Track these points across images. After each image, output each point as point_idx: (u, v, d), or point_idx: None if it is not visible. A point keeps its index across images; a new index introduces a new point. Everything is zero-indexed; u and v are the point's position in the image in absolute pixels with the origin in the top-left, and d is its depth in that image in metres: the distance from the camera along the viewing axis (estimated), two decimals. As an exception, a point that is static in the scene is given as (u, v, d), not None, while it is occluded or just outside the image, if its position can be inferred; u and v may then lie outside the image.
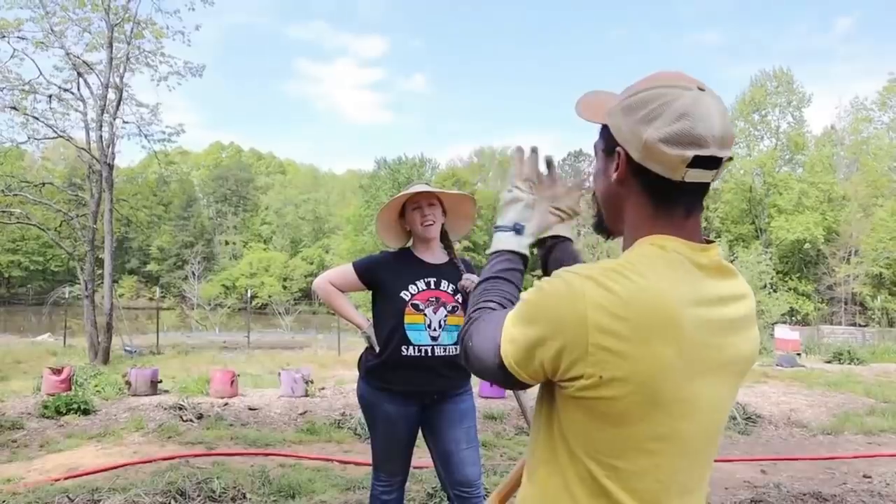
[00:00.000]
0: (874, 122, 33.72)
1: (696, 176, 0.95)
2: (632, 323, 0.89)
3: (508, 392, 5.82)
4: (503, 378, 1.01)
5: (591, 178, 1.16)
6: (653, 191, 1.00)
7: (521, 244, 1.22)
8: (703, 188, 1.00)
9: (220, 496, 4.17)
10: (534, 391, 1.08)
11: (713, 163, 0.95)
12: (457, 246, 3.01)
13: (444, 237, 2.93)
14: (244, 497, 4.23)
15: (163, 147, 15.88)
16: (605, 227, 1.13)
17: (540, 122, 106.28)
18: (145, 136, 15.28)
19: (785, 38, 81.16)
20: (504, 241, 1.21)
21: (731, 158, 0.98)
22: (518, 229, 1.22)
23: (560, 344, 0.92)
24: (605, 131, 1.06)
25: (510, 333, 0.98)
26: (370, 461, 3.02)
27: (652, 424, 0.93)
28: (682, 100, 0.94)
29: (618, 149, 1.01)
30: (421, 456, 2.99)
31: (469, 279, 2.82)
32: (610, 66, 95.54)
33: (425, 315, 2.77)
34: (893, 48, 73.21)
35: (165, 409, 6.84)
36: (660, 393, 0.92)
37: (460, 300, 2.85)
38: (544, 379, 0.98)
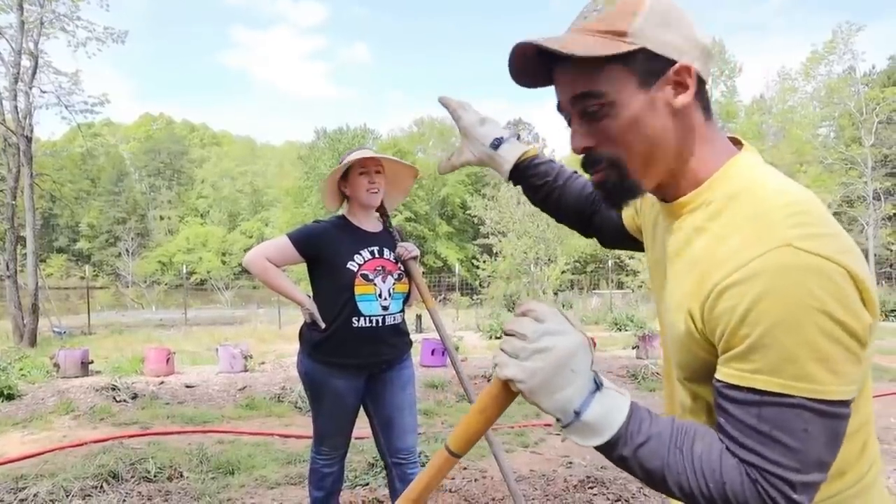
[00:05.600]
0: (799, 91, 34.98)
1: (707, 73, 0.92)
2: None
3: (447, 360, 5.79)
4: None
5: (608, 131, 0.90)
6: (705, 102, 0.91)
7: (619, 397, 0.85)
8: None
9: (155, 476, 4.06)
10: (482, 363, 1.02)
11: None
12: (398, 217, 2.97)
13: (380, 206, 2.88)
14: (181, 476, 4.13)
15: (85, 118, 15.11)
16: (633, 190, 0.93)
17: (482, 90, 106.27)
18: (66, 107, 14.49)
19: (722, 10, 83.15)
20: (606, 415, 0.82)
21: None
22: (598, 382, 0.84)
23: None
24: (628, 59, 0.86)
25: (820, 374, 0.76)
26: (311, 434, 2.97)
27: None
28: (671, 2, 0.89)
29: (682, 64, 0.86)
30: (363, 427, 2.97)
31: (403, 247, 2.80)
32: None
33: (375, 285, 2.72)
34: (823, 20, 76.03)
35: (97, 390, 6.60)
36: None
37: (402, 268, 2.82)
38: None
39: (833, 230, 0.79)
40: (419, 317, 13.41)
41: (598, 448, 0.84)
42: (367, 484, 4.01)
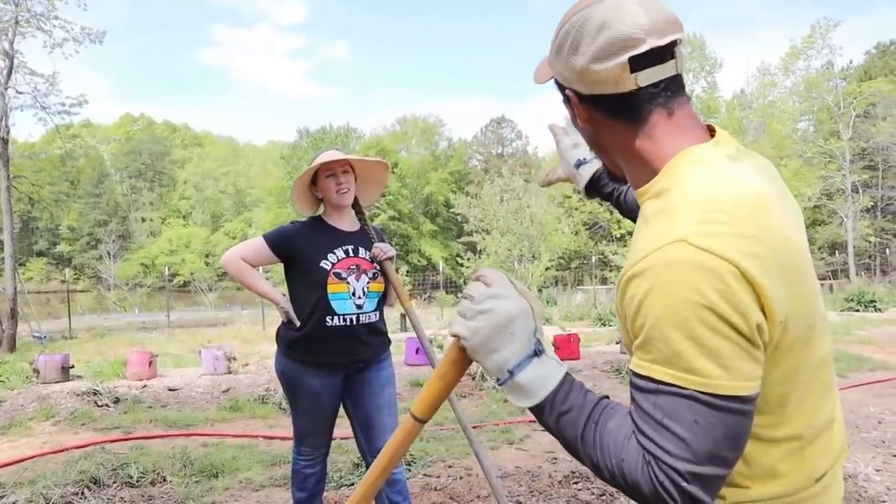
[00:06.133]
0: (778, 86, 35.33)
1: (651, 76, 0.89)
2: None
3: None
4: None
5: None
6: (620, 113, 0.93)
7: (556, 366, 0.90)
8: (673, 81, 0.92)
9: (138, 481, 4.02)
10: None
11: (663, 54, 0.89)
12: (382, 216, 2.97)
13: (356, 204, 2.88)
14: (164, 480, 4.09)
15: (63, 120, 14.91)
16: (614, 174, 1.05)
17: (463, 88, 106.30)
18: (43, 108, 14.29)
19: (707, 5, 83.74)
20: (538, 379, 0.88)
21: (679, 41, 0.90)
22: (539, 350, 0.89)
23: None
24: (557, 83, 1.01)
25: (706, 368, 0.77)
26: (294, 435, 2.97)
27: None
28: (597, 13, 0.89)
29: (566, 92, 0.97)
30: (348, 427, 2.97)
31: (379, 248, 2.79)
32: (534, 32, 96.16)
33: (348, 283, 2.73)
34: (809, 14, 76.81)
35: (78, 395, 6.52)
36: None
37: (378, 267, 2.82)
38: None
39: (746, 232, 0.80)
40: (403, 316, 13.40)
41: (531, 411, 0.90)
42: (353, 484, 4.00)
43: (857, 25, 78.19)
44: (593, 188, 1.55)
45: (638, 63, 0.88)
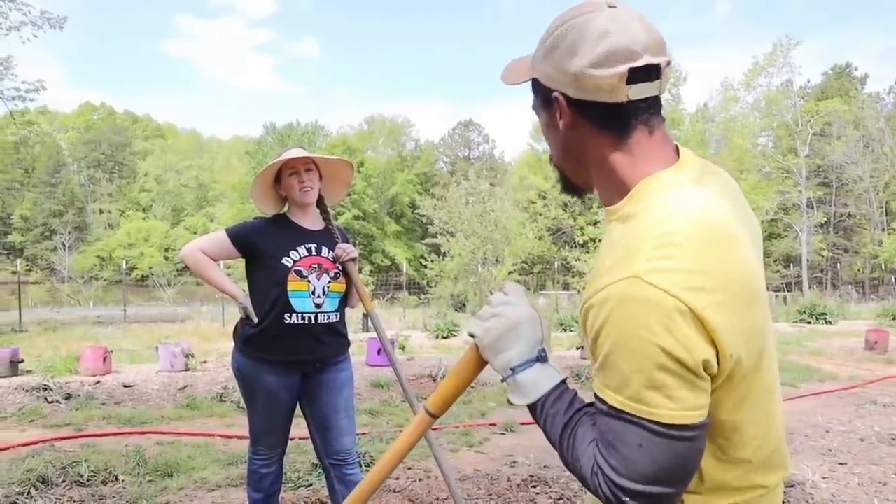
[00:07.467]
0: (740, 101, 36.18)
1: (641, 91, 0.91)
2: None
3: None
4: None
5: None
6: (606, 123, 0.94)
7: (554, 373, 0.99)
8: (656, 102, 0.95)
9: (88, 480, 3.92)
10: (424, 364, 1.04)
11: (652, 72, 0.92)
12: (346, 215, 2.96)
13: (321, 203, 2.87)
14: (117, 479, 4.00)
15: (16, 106, 14.45)
16: (574, 184, 1.06)
17: (430, 91, 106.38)
18: (-3, 93, 13.85)
19: (666, 20, 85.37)
20: (535, 382, 0.98)
21: (669, 63, 0.93)
22: (541, 356, 0.99)
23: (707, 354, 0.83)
24: (537, 85, 1.01)
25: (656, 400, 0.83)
26: (252, 435, 2.93)
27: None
28: (598, 21, 0.91)
29: (553, 94, 0.96)
30: (306, 427, 2.94)
31: (342, 248, 2.78)
32: (502, 34, 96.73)
33: (309, 282, 2.71)
34: (766, 33, 78.87)
35: (27, 390, 6.33)
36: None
37: (340, 267, 2.81)
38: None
39: (697, 266, 0.83)
40: (366, 315, 13.33)
41: (529, 410, 1.00)
42: (311, 485, 3.97)
43: (816, 46, 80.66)
44: None
45: (633, 76, 0.90)
